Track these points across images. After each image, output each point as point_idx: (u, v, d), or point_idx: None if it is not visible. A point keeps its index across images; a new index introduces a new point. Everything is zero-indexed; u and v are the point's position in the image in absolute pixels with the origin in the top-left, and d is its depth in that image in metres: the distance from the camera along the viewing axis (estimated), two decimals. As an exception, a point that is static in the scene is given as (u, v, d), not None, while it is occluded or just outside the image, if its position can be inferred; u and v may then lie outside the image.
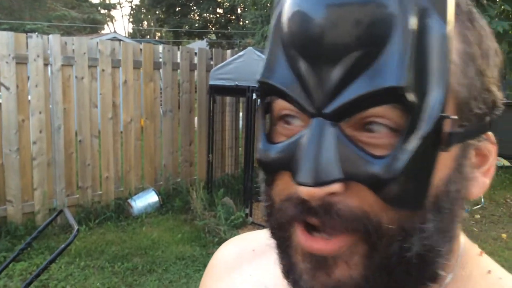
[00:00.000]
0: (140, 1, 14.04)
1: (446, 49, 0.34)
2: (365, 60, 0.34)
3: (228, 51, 6.40)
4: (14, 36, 4.40)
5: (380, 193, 0.34)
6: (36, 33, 4.74)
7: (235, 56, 5.33)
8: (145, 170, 5.50)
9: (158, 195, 5.25)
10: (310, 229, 0.37)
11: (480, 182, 0.41)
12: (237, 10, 14.71)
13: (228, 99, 6.08)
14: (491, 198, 6.19)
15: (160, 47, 5.85)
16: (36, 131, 4.54)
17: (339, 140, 0.35)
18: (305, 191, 0.35)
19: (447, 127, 0.35)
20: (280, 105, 0.39)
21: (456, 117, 0.36)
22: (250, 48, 5.28)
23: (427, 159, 0.35)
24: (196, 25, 14.74)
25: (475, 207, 5.75)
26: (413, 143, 0.34)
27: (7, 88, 4.35)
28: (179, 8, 14.91)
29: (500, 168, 7.69)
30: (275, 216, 0.39)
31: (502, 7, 5.15)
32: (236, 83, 5.13)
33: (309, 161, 0.34)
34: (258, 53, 5.05)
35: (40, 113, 4.55)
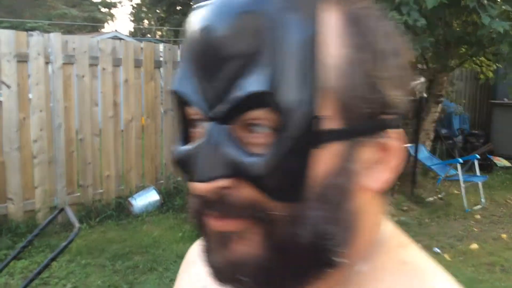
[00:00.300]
0: (141, 0, 14.00)
1: (316, 55, 0.38)
2: (241, 68, 0.38)
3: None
4: (15, 34, 4.40)
5: (260, 187, 0.39)
6: (37, 31, 4.74)
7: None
8: (146, 168, 5.50)
9: (159, 194, 5.26)
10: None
11: (381, 176, 0.43)
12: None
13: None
14: (491, 199, 6.19)
15: (161, 46, 5.85)
16: (37, 130, 4.54)
17: (227, 140, 0.39)
18: (197, 187, 0.40)
19: (323, 125, 0.38)
20: (189, 111, 0.43)
21: (331, 116, 0.39)
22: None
23: (301, 156, 0.38)
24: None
25: (475, 207, 5.76)
26: (285, 142, 0.37)
27: (8, 86, 4.36)
28: (180, 7, 14.89)
29: (500, 168, 7.69)
30: (190, 210, 0.44)
31: (503, 7, 5.16)
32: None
33: (201, 160, 0.39)
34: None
35: (41, 111, 4.56)
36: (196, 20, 0.41)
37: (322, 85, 0.38)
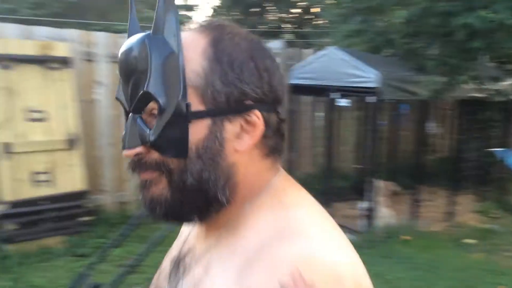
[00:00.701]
0: (221, 2, 14.35)
1: (180, 67, 0.58)
2: (140, 79, 0.59)
3: (304, 50, 6.42)
4: (110, 37, 4.69)
5: (154, 149, 0.60)
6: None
7: (317, 55, 5.32)
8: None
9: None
10: None
11: (247, 142, 0.61)
12: (311, 11, 14.62)
13: (303, 98, 6.06)
14: None
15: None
16: (129, 126, 4.80)
17: (139, 124, 0.61)
18: (125, 153, 0.62)
19: (191, 109, 0.58)
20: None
21: (196, 102, 0.58)
22: (333, 47, 5.26)
23: (177, 128, 0.58)
24: (272, 25, 14.87)
25: None
26: (162, 120, 0.58)
27: (103, 86, 4.65)
28: (256, 9, 15.12)
29: None
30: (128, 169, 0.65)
31: None
32: (319, 82, 5.13)
33: (125, 138, 0.62)
34: (342, 53, 5.01)
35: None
36: (120, 48, 0.63)
37: (188, 84, 0.58)
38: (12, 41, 4.23)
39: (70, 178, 4.26)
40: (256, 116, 0.61)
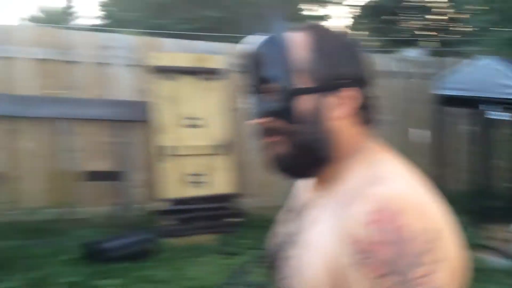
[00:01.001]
0: (361, 12, 14.34)
1: (291, 57, 0.77)
2: (263, 68, 0.79)
3: (447, 59, 6.11)
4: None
5: (278, 117, 0.78)
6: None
7: (467, 65, 5.05)
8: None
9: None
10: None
11: (342, 111, 0.78)
12: (454, 17, 13.81)
13: (448, 109, 5.71)
14: None
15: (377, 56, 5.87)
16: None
17: (264, 100, 0.80)
18: (253, 122, 0.81)
19: (301, 86, 0.77)
20: None
21: (305, 81, 0.77)
22: (486, 56, 4.94)
23: (292, 101, 0.77)
24: (411, 33, 14.37)
25: None
26: (281, 96, 0.77)
27: (252, 95, 4.92)
28: (395, 17, 14.77)
29: None
30: (257, 135, 0.84)
31: None
32: (468, 93, 4.86)
33: (254, 110, 0.81)
34: (496, 62, 4.69)
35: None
36: (247, 45, 0.82)
37: (298, 69, 0.77)
38: (174, 55, 4.73)
39: (222, 181, 4.60)
40: (350, 92, 0.78)
